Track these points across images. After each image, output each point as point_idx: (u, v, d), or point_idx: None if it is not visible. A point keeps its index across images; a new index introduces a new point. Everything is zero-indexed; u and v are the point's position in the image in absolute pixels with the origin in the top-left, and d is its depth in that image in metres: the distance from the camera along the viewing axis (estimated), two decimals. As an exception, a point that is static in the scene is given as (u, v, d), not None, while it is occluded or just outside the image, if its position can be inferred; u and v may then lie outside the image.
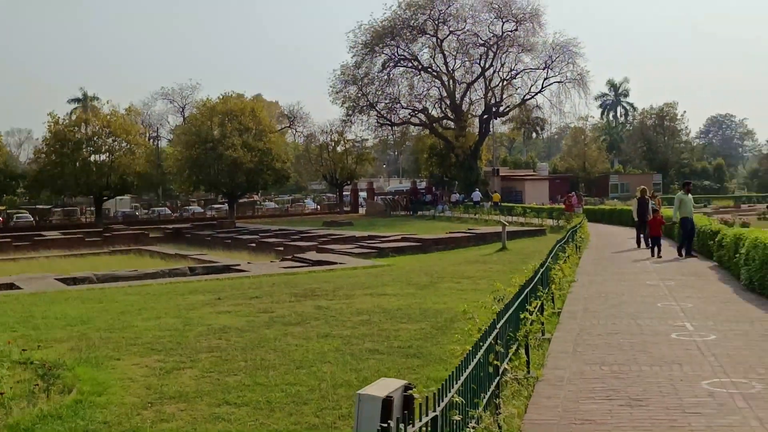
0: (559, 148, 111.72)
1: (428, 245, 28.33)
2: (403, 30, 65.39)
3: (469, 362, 5.06)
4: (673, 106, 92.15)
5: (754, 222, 35.66)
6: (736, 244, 15.80)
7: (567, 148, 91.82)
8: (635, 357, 8.59)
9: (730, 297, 13.21)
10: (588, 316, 11.54)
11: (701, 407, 6.53)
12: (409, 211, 59.32)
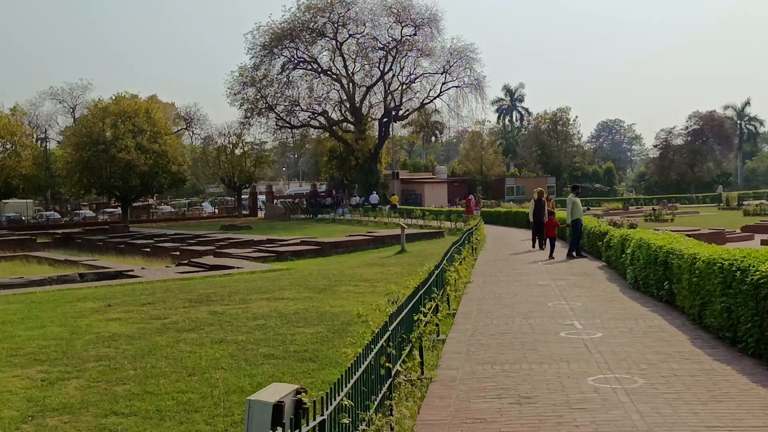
0: (458, 152, 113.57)
1: (327, 248, 28.28)
2: (303, 32, 65.19)
3: (359, 365, 5.05)
4: (565, 111, 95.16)
5: (642, 223, 37.09)
6: (623, 244, 16.44)
7: (465, 152, 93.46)
8: (526, 356, 8.80)
9: (616, 296, 13.72)
10: (482, 316, 11.77)
11: (586, 403, 6.75)
12: (309, 214, 59.18)
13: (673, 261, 11.82)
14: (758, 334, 8.19)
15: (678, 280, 11.50)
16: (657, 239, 13.76)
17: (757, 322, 8.18)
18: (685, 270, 10.99)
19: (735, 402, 6.63)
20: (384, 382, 6.05)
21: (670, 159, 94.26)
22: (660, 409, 6.44)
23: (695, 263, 10.44)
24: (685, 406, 6.52)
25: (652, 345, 9.16)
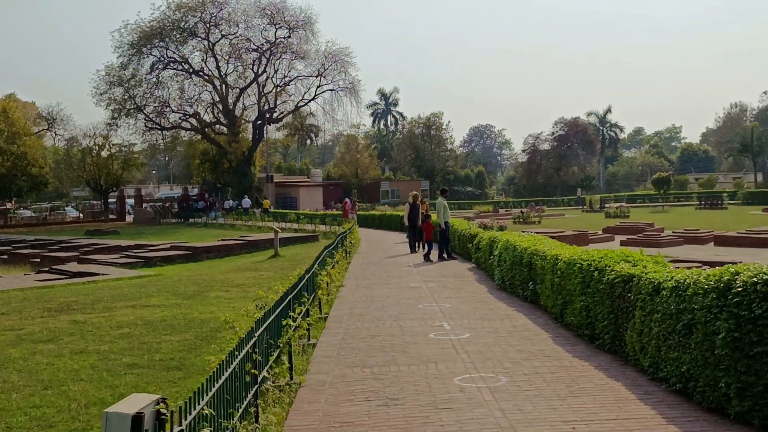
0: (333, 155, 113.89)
1: (199, 253, 27.66)
2: (173, 32, 63.58)
3: (222, 373, 4.94)
4: (438, 116, 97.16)
5: (511, 225, 38.35)
6: (491, 246, 16.91)
7: (340, 155, 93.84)
8: (395, 357, 8.88)
9: (484, 296, 14.08)
10: (353, 319, 11.80)
11: (452, 402, 6.86)
12: (180, 218, 57.69)
13: (537, 262, 12.25)
14: (613, 331, 8.59)
15: (542, 280, 11.93)
16: (522, 241, 14.23)
17: (613, 320, 8.58)
18: (547, 271, 11.41)
19: (591, 396, 6.92)
20: (250, 388, 5.95)
21: (538, 163, 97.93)
22: (521, 406, 6.64)
23: (557, 264, 10.86)
24: (545, 402, 6.75)
25: (516, 344, 9.45)
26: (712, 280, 6.42)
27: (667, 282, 7.23)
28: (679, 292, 6.91)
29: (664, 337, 7.08)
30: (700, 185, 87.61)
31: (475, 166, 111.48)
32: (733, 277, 6.20)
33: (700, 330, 6.39)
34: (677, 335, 6.81)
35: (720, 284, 6.25)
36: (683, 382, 6.74)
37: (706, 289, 6.43)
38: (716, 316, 6.18)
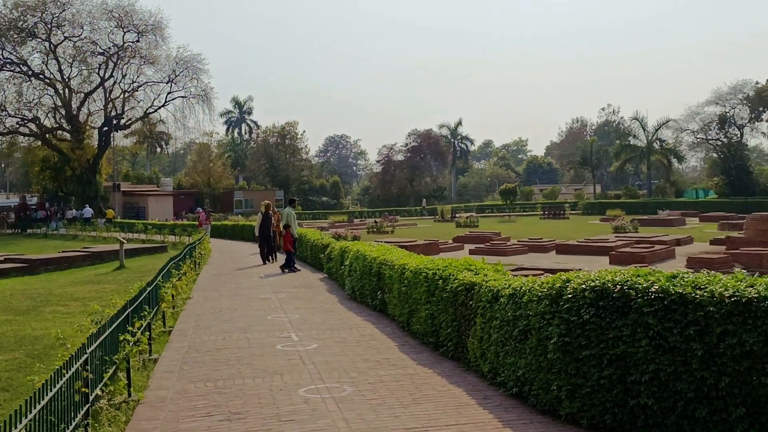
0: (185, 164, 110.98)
1: (37, 266, 26.10)
2: (10, 31, 59.97)
3: (46, 393, 4.65)
4: (293, 125, 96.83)
5: (365, 235, 38.77)
6: (342, 256, 16.97)
7: (192, 164, 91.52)
8: (240, 371, 8.70)
9: (334, 306, 14.09)
10: (199, 332, 11.48)
11: (296, 414, 6.79)
12: (18, 228, 54.37)
13: (386, 272, 12.40)
14: (457, 338, 8.81)
15: (390, 289, 12.07)
16: (372, 251, 14.37)
17: (456, 327, 8.79)
18: (395, 280, 11.57)
19: (433, 403, 7.04)
20: (80, 408, 5.64)
21: (392, 173, 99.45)
22: (365, 415, 6.66)
23: (404, 273, 11.02)
24: (388, 410, 6.81)
25: (363, 353, 9.50)
26: (545, 288, 6.71)
27: (505, 290, 7.49)
28: (515, 300, 7.17)
29: (502, 343, 7.32)
30: (544, 196, 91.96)
31: (331, 176, 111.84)
32: (564, 285, 6.50)
33: (535, 335, 6.66)
34: (514, 341, 7.06)
35: (552, 291, 6.54)
36: (519, 386, 6.99)
37: (539, 296, 6.71)
38: (549, 322, 6.46)
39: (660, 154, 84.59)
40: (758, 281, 5.57)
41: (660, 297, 5.72)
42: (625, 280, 6.07)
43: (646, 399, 5.70)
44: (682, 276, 5.97)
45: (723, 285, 5.60)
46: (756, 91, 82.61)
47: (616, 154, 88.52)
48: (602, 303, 6.02)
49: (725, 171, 75.44)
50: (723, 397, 5.38)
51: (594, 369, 6.00)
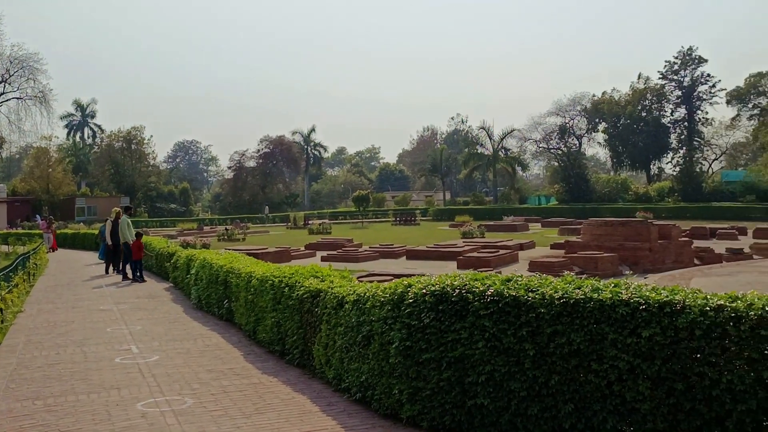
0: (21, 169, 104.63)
1: None
2: None
3: None
4: (140, 129, 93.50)
5: (215, 243, 37.92)
6: (188, 265, 16.51)
7: (29, 169, 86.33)
8: (74, 386, 8.25)
9: (179, 316, 13.67)
10: (30, 347, 10.80)
11: (132, 429, 6.51)
12: None
13: (232, 280, 12.17)
14: (302, 346, 8.75)
15: (236, 298, 11.85)
16: (219, 259, 14.07)
17: (302, 335, 8.74)
18: (242, 288, 11.37)
19: (276, 412, 6.95)
20: None
21: (244, 180, 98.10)
22: (206, 427, 6.48)
23: (251, 281, 10.85)
24: (230, 421, 6.66)
25: (207, 364, 9.25)
26: (388, 293, 6.78)
27: (350, 296, 7.51)
28: (359, 305, 7.20)
29: (347, 348, 7.33)
30: (396, 203, 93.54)
31: (180, 182, 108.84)
32: (406, 290, 6.59)
33: (377, 340, 6.71)
34: (358, 346, 7.09)
35: (395, 297, 6.61)
36: (363, 391, 7.02)
37: (382, 302, 6.77)
38: (391, 327, 6.53)
39: (505, 163, 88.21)
40: (585, 283, 5.85)
41: (495, 300, 5.91)
42: (463, 284, 6.22)
43: (482, 399, 5.86)
44: (516, 279, 6.19)
45: (553, 287, 5.85)
46: (593, 104, 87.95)
47: (465, 161, 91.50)
48: (442, 307, 6.15)
49: (565, 179, 79.54)
50: (553, 394, 5.62)
51: (434, 372, 6.12)
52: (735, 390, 4.97)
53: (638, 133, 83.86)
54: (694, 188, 72.33)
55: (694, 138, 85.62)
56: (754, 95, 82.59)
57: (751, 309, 5.01)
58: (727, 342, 5.03)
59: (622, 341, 5.33)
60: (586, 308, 5.52)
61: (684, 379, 5.14)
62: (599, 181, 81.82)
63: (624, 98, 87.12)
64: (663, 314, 5.24)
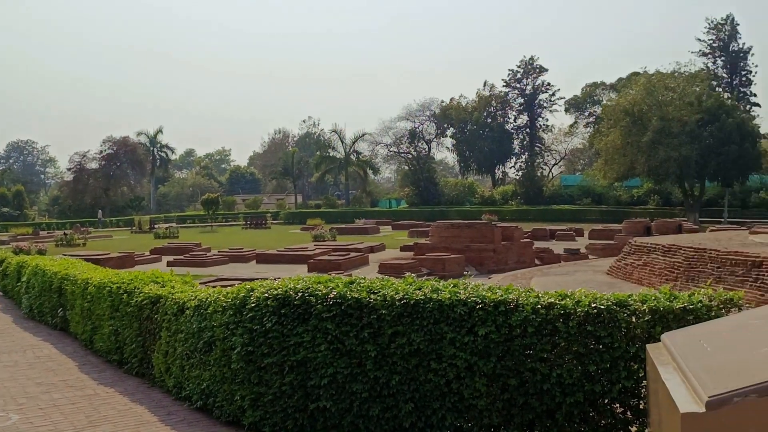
0: None
1: None
2: None
3: None
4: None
5: (52, 249, 35.90)
6: (19, 272, 15.54)
7: None
8: None
9: (8, 327, 12.84)
10: None
11: (-52, 452, 6.02)
12: None
13: (68, 287, 11.55)
14: (141, 354, 8.41)
15: (72, 306, 11.26)
16: (54, 265, 13.32)
17: (141, 343, 8.40)
18: (78, 296, 10.81)
19: (112, 424, 6.64)
20: None
21: (85, 182, 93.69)
22: (32, 445, 6.09)
23: (87, 288, 10.33)
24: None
25: (37, 377, 8.71)
26: (230, 298, 6.63)
27: (191, 302, 7.29)
28: (201, 311, 7.01)
29: (188, 356, 7.11)
30: (247, 206, 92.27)
31: (13, 184, 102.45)
32: (248, 294, 6.46)
33: (219, 346, 6.54)
34: (199, 353, 6.89)
35: (237, 301, 6.47)
36: (204, 399, 6.83)
37: (224, 307, 6.61)
38: (233, 332, 6.38)
39: (357, 166, 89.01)
40: (425, 284, 5.95)
41: (338, 302, 5.89)
42: (306, 287, 6.17)
43: (325, 402, 5.83)
44: (358, 282, 6.21)
45: (394, 289, 5.91)
46: (441, 109, 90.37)
47: (317, 164, 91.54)
48: (284, 311, 6.07)
49: (415, 182, 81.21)
50: (394, 394, 5.68)
51: (276, 376, 6.03)
52: (564, 384, 5.20)
53: (484, 139, 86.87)
54: (536, 192, 75.76)
55: (535, 144, 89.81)
56: (589, 104, 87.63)
57: (579, 306, 5.27)
58: (557, 338, 5.26)
59: (460, 340, 5.46)
60: (426, 308, 5.60)
61: (517, 374, 5.33)
62: (448, 185, 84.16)
63: (471, 105, 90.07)
64: (498, 313, 5.41)
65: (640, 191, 67.08)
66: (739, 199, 60.84)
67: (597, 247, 30.15)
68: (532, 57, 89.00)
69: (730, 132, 52.57)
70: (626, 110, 55.00)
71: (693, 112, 53.10)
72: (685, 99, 54.58)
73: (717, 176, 55.49)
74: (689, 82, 57.13)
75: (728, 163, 52.71)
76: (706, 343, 3.33)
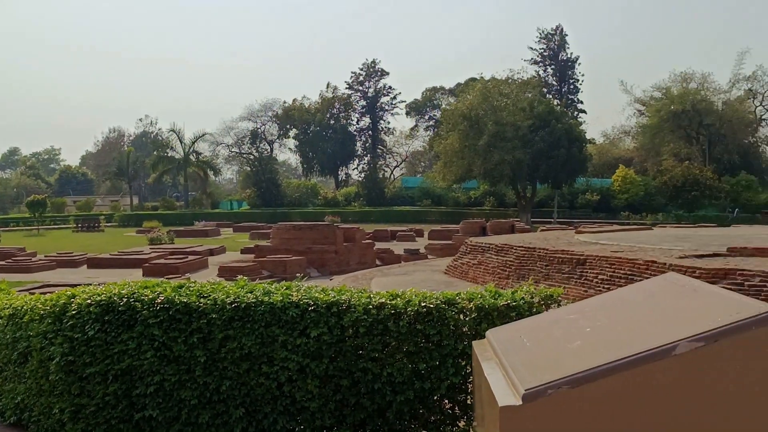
0: None
1: None
2: None
3: None
4: None
5: None
6: None
7: None
8: None
9: None
10: None
11: None
12: None
13: None
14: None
15: None
16: None
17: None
18: None
19: None
20: None
21: None
22: None
23: None
24: None
25: None
26: (48, 305, 6.22)
27: (5, 310, 6.82)
28: (16, 320, 6.56)
29: (0, 368, 6.62)
30: (78, 208, 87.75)
31: None
32: (68, 301, 6.09)
33: (36, 357, 6.14)
34: (13, 365, 6.45)
35: (56, 309, 6.09)
36: (18, 414, 6.41)
37: (42, 315, 6.21)
38: (51, 341, 6.00)
39: (197, 167, 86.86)
40: (257, 287, 5.84)
41: (165, 308, 5.67)
42: (131, 292, 5.89)
43: (151, 411, 5.60)
44: (188, 286, 6.00)
45: (225, 292, 5.75)
46: (284, 110, 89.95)
47: (154, 165, 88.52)
48: (108, 317, 5.76)
49: (257, 183, 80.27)
50: (224, 400, 5.53)
51: (99, 386, 5.72)
52: (395, 382, 5.26)
53: (327, 140, 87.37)
54: (378, 193, 76.96)
55: (377, 146, 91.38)
56: (429, 108, 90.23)
57: (409, 305, 5.34)
58: (388, 338, 5.31)
59: (292, 342, 5.39)
60: (258, 311, 5.50)
61: (349, 375, 5.33)
62: (290, 186, 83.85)
63: (314, 106, 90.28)
64: (330, 314, 5.39)
65: (477, 193, 69.71)
66: (568, 201, 64.60)
67: (436, 247, 30.99)
68: (374, 60, 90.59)
69: (559, 137, 55.67)
70: (464, 115, 56.90)
71: (525, 118, 55.75)
72: (518, 105, 57.23)
73: (547, 178, 58.55)
74: (522, 88, 59.98)
75: (558, 166, 55.80)
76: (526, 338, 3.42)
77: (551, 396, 2.52)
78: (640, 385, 2.47)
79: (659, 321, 2.94)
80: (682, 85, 67.36)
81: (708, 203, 59.83)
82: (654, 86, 71.29)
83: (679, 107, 64.11)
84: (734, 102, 67.74)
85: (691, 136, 67.43)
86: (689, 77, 67.48)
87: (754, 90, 70.11)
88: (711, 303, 2.89)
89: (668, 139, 67.58)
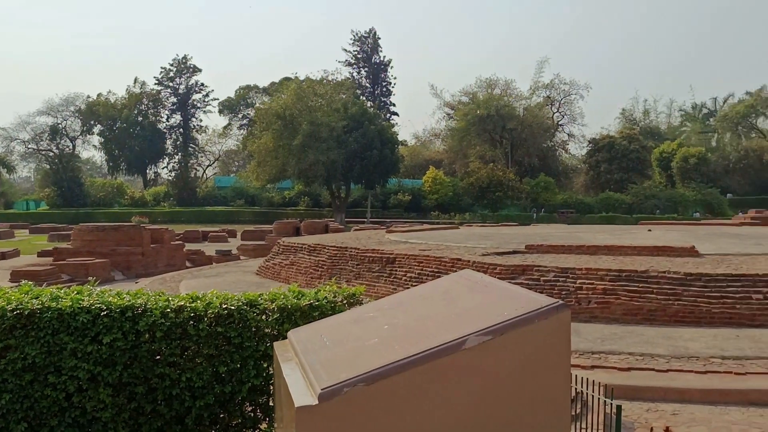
0: None
1: None
2: None
3: None
4: None
5: None
6: None
7: None
8: None
9: None
10: None
11: None
12: None
13: None
14: None
15: None
16: None
17: None
18: None
19: None
20: None
21: None
22: None
23: None
24: None
25: None
26: None
27: None
28: None
29: None
30: None
31: None
32: None
33: None
34: None
35: None
36: None
37: None
38: None
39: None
40: (44, 292, 5.44)
41: (-65, 317, 5.14)
42: None
43: None
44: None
45: (7, 299, 5.31)
46: (87, 105, 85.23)
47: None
48: None
49: (57, 182, 75.54)
50: (4, 415, 5.10)
51: None
52: (194, 387, 5.08)
53: (135, 138, 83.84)
54: (189, 193, 74.92)
55: (189, 144, 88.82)
56: (243, 106, 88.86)
57: (210, 308, 5.18)
58: (188, 341, 5.12)
59: (82, 350, 5.07)
60: (44, 318, 5.12)
61: (145, 381, 5.10)
62: (95, 185, 79.75)
63: (120, 102, 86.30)
64: (125, 319, 5.12)
65: (291, 193, 69.67)
66: (381, 201, 66.09)
67: (249, 248, 30.62)
68: (186, 56, 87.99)
69: (372, 138, 56.83)
70: (278, 114, 56.66)
71: (340, 119, 56.40)
72: (333, 105, 57.81)
73: (361, 179, 59.60)
74: (336, 89, 60.65)
75: (371, 167, 56.95)
76: (326, 337, 3.40)
77: (347, 394, 2.51)
78: (433, 378, 2.52)
79: (452, 316, 3.01)
80: (487, 90, 70.96)
81: (511, 203, 63.45)
82: (462, 91, 74.59)
83: (484, 112, 67.36)
84: (534, 108, 72.32)
85: (495, 139, 71.10)
86: (494, 83, 71.30)
87: (552, 97, 75.23)
88: (501, 298, 3.00)
89: (475, 142, 70.86)
